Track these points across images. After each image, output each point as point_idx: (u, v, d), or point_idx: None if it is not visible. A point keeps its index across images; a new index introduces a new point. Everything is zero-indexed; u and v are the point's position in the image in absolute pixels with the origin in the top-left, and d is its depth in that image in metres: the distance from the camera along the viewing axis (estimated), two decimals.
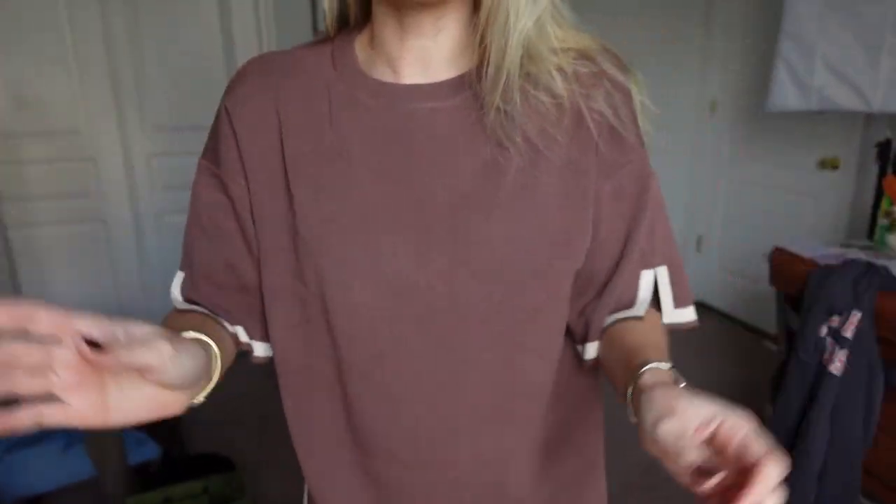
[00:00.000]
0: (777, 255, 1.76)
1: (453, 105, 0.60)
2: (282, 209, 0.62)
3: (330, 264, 0.60)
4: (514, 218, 0.59)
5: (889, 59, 2.04)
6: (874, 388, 1.50)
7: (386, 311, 0.60)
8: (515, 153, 0.58)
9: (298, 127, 0.61)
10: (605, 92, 0.62)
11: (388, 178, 0.60)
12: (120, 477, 1.80)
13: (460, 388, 0.61)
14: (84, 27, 2.53)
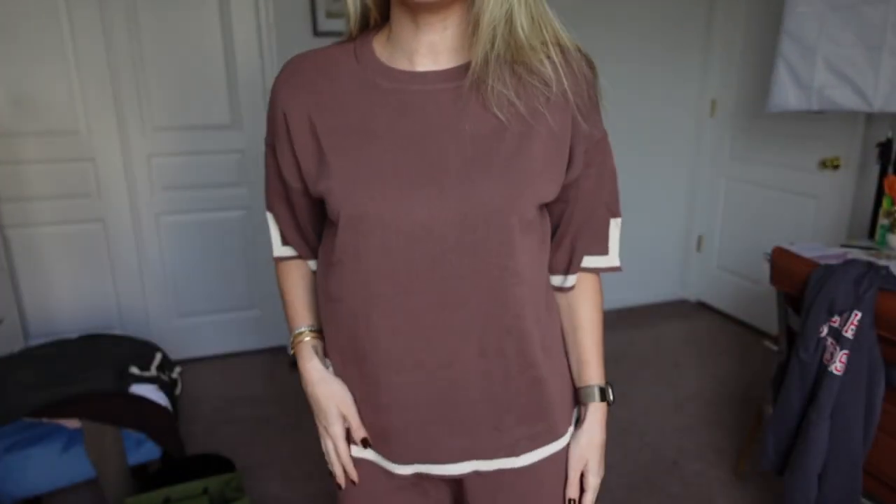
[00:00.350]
0: (777, 255, 1.76)
1: (458, 86, 0.76)
2: (317, 171, 0.79)
3: (358, 219, 0.75)
4: (509, 178, 0.75)
5: (890, 59, 2.04)
6: (875, 388, 1.49)
7: (406, 252, 0.75)
8: (510, 125, 0.75)
9: (329, 108, 0.79)
10: (579, 80, 0.78)
11: (405, 146, 0.75)
12: (119, 478, 1.80)
13: (462, 304, 0.77)
14: (83, 27, 2.53)
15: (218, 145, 2.82)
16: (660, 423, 2.46)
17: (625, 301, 3.66)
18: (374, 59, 0.79)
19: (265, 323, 3.10)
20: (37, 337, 2.77)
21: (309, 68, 0.82)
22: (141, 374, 1.95)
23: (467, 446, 0.82)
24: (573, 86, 0.77)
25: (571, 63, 0.78)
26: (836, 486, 1.55)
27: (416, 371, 0.79)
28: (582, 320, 0.91)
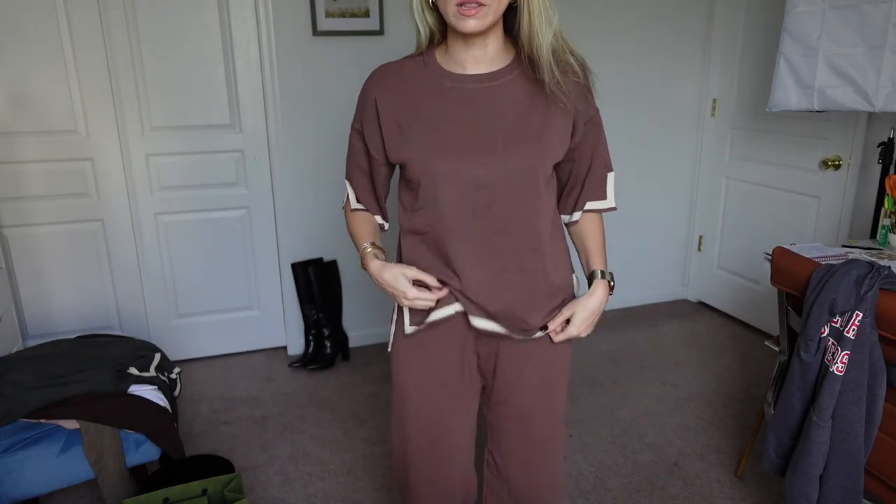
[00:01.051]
0: (778, 256, 1.75)
1: (499, 84, 1.14)
2: (400, 147, 1.16)
3: (434, 177, 1.13)
4: (537, 144, 1.12)
5: (892, 59, 2.03)
6: (876, 389, 1.49)
7: (469, 198, 1.13)
8: (535, 110, 1.13)
9: (407, 100, 1.15)
10: (573, 72, 1.13)
11: (463, 125, 1.12)
12: (118, 479, 1.79)
13: (506, 231, 1.15)
14: (82, 26, 2.53)
15: (217, 145, 2.82)
16: (660, 424, 2.45)
17: (625, 301, 3.66)
18: (437, 66, 1.16)
19: (265, 323, 3.10)
20: (35, 337, 2.77)
21: (392, 73, 1.18)
22: (140, 375, 1.94)
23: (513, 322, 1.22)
24: (573, 86, 1.13)
25: (571, 65, 1.13)
26: (838, 486, 1.54)
27: (481, 270, 1.17)
28: (587, 239, 1.28)
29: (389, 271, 1.17)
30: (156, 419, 1.84)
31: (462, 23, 1.05)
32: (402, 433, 1.33)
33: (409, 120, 1.14)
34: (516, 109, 1.12)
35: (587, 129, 1.18)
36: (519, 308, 1.20)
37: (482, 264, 1.16)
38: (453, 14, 1.05)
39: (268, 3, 2.67)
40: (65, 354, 1.95)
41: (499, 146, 1.11)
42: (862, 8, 2.09)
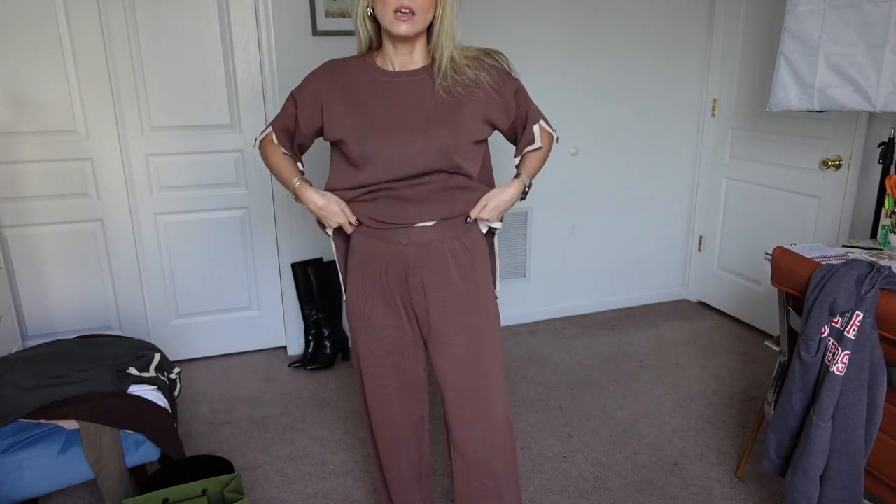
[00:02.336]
0: (779, 256, 1.75)
1: (420, 79, 1.41)
2: (338, 126, 1.41)
3: (366, 153, 1.38)
4: (449, 128, 1.38)
5: (892, 58, 2.03)
6: (877, 389, 1.49)
7: (393, 170, 1.38)
8: (449, 101, 1.38)
9: (347, 90, 1.42)
10: (489, 69, 1.42)
11: (390, 111, 1.38)
12: (118, 479, 1.79)
13: (432, 201, 1.42)
14: (81, 26, 2.52)
15: (217, 145, 2.81)
16: (660, 424, 2.45)
17: (625, 301, 3.65)
18: (374, 66, 1.43)
19: (265, 323, 3.10)
20: (34, 337, 2.77)
21: (338, 66, 1.46)
22: (139, 375, 1.94)
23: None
24: (486, 75, 1.40)
25: (483, 62, 1.42)
26: (838, 487, 1.54)
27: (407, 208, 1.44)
28: (522, 163, 1.56)
29: (329, 199, 1.45)
30: (155, 419, 1.84)
31: (396, 26, 1.31)
32: (358, 368, 1.61)
33: (348, 105, 1.40)
34: (434, 99, 1.38)
35: (517, 99, 1.47)
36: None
37: (407, 210, 1.43)
38: (389, 20, 1.31)
39: (268, 3, 2.67)
40: (64, 355, 1.95)
41: (418, 128, 1.36)
42: (862, 7, 2.09)
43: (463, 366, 1.50)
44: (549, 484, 2.10)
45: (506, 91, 1.44)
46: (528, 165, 1.55)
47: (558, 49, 3.12)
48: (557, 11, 3.07)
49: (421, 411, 1.66)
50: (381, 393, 1.60)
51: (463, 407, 1.52)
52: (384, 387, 1.59)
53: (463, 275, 1.48)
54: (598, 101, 3.27)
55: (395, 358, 1.56)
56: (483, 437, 1.54)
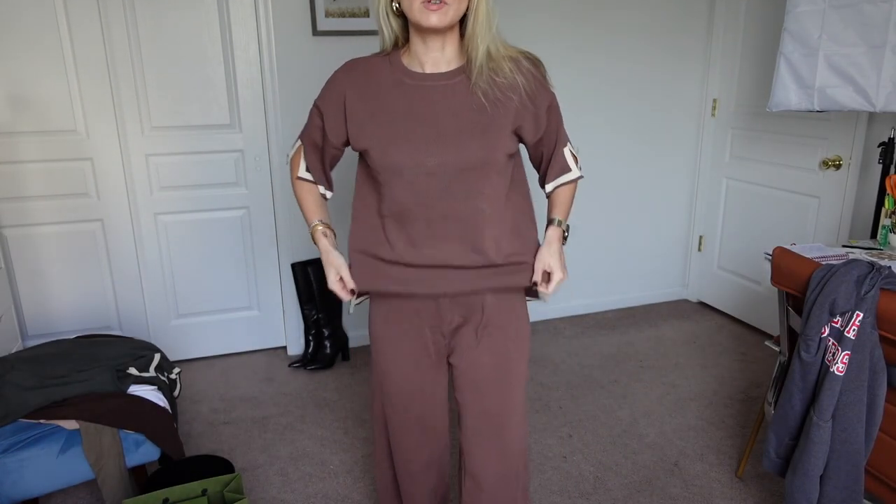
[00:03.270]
0: (779, 256, 1.75)
1: (453, 83, 1.26)
2: (361, 135, 1.29)
3: (392, 166, 1.26)
4: (485, 138, 1.25)
5: (892, 58, 2.03)
6: (877, 389, 1.49)
7: (422, 186, 1.26)
8: (486, 106, 1.24)
9: (372, 94, 1.28)
10: (526, 75, 1.27)
11: (420, 120, 1.25)
12: (118, 479, 1.79)
13: (456, 218, 1.29)
14: (81, 26, 2.52)
15: (217, 145, 2.81)
16: (660, 424, 2.45)
17: (625, 301, 3.65)
18: (400, 66, 1.28)
19: (265, 323, 3.10)
20: (34, 337, 2.77)
21: (361, 67, 1.31)
22: (139, 375, 1.94)
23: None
24: (523, 79, 1.26)
25: (521, 64, 1.27)
26: (838, 486, 1.54)
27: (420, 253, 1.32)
28: (556, 201, 1.44)
29: (329, 258, 1.38)
30: (155, 419, 1.84)
31: (425, 17, 1.17)
32: (380, 399, 1.52)
33: (372, 111, 1.27)
34: (469, 105, 1.24)
35: (549, 114, 1.32)
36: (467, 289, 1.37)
37: (419, 252, 1.32)
38: (418, 10, 1.17)
39: (268, 3, 2.67)
40: (64, 354, 1.95)
41: (448, 139, 1.23)
42: (862, 7, 2.09)
43: (486, 386, 1.40)
44: (549, 484, 2.10)
45: (540, 102, 1.29)
46: (563, 204, 1.42)
47: (558, 49, 3.12)
48: (557, 11, 3.07)
49: (443, 446, 1.58)
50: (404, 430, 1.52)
51: (480, 429, 1.43)
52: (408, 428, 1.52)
53: (497, 296, 1.39)
54: (598, 102, 3.27)
55: (418, 410, 1.49)
56: (497, 461, 1.44)
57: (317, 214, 1.42)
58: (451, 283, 1.34)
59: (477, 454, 1.44)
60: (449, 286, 1.34)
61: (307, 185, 1.43)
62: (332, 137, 1.33)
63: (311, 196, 1.43)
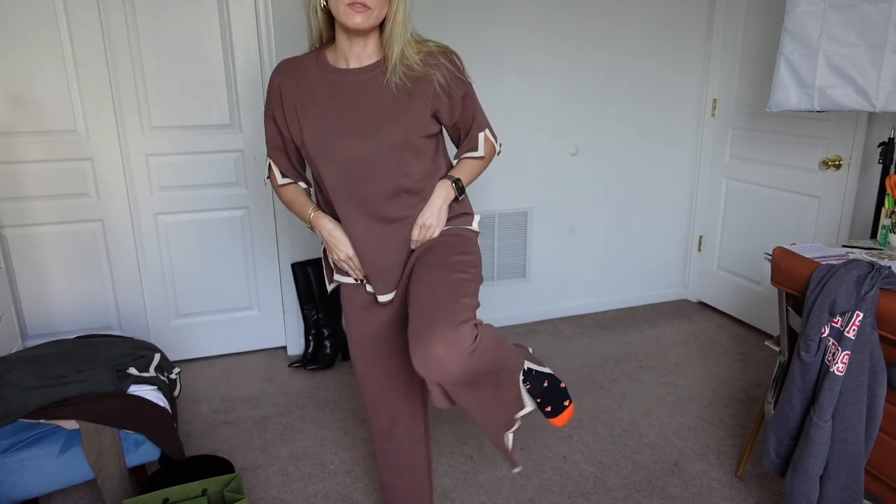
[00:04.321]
0: (779, 256, 1.75)
1: (372, 75, 1.40)
2: (298, 128, 1.43)
3: (321, 154, 1.40)
4: (401, 124, 1.39)
5: (892, 58, 2.03)
6: (877, 389, 1.49)
7: (351, 169, 1.40)
8: (400, 96, 1.38)
9: (301, 90, 1.42)
10: (441, 67, 1.40)
11: (343, 110, 1.39)
12: (118, 479, 1.79)
13: (379, 196, 1.43)
14: (81, 26, 2.52)
15: (217, 145, 2.81)
16: (660, 424, 2.45)
17: (625, 301, 3.65)
18: (326, 62, 1.43)
19: (265, 323, 3.09)
20: (34, 337, 2.77)
21: (292, 66, 1.45)
22: (139, 375, 1.94)
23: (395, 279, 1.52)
24: (437, 72, 1.39)
25: (437, 59, 1.40)
26: (838, 486, 1.54)
27: (364, 233, 1.46)
28: (457, 167, 1.56)
29: (337, 234, 1.48)
30: (155, 419, 1.84)
31: (350, 18, 1.30)
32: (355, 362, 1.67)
33: (302, 106, 1.41)
34: (385, 96, 1.38)
35: (464, 102, 1.47)
36: (390, 272, 1.50)
37: (366, 227, 1.44)
38: (343, 11, 1.30)
39: (268, 3, 2.67)
40: (64, 355, 1.95)
41: (369, 127, 1.37)
42: (862, 7, 2.09)
43: (437, 284, 1.37)
44: (549, 484, 2.11)
45: (454, 93, 1.43)
46: (464, 170, 1.55)
47: (558, 49, 3.12)
48: (557, 11, 3.07)
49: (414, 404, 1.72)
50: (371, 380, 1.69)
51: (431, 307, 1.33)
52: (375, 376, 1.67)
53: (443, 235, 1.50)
54: (598, 101, 3.27)
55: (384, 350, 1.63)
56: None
57: (309, 204, 1.53)
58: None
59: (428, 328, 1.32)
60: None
61: (289, 187, 1.56)
62: (286, 133, 1.47)
63: (297, 193, 1.56)
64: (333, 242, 1.48)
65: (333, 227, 1.48)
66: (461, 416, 2.51)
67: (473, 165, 1.57)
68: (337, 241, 1.47)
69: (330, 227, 1.48)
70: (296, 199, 1.54)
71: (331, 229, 1.48)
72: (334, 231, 1.48)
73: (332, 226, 1.48)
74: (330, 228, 1.48)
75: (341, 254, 1.48)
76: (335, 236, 1.47)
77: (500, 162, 3.17)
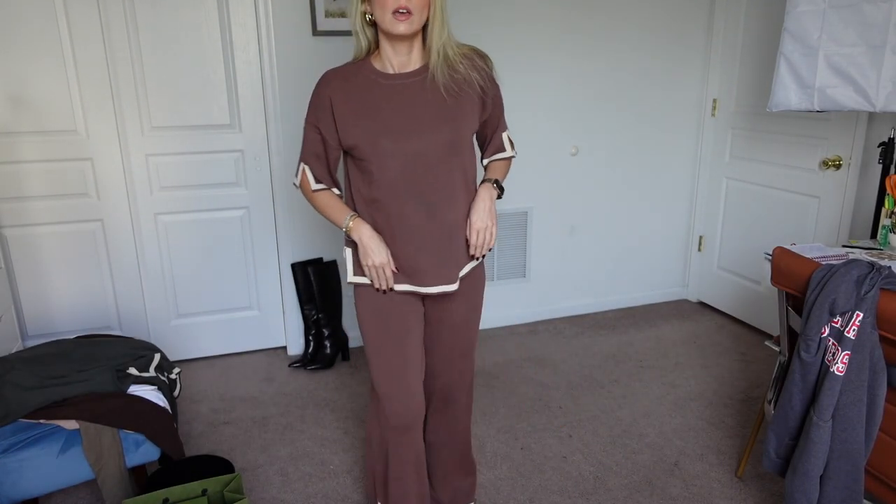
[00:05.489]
0: (779, 256, 1.75)
1: (420, 79, 1.49)
2: (358, 132, 1.48)
3: (381, 153, 1.47)
4: (453, 123, 1.49)
5: (892, 58, 2.03)
6: (877, 389, 1.49)
7: (411, 166, 1.48)
8: (448, 96, 1.48)
9: (352, 96, 1.49)
10: (479, 69, 1.52)
11: (398, 112, 1.47)
12: (118, 479, 1.79)
13: (438, 188, 1.50)
14: (81, 26, 2.52)
15: (217, 145, 2.81)
16: (660, 424, 2.45)
17: (625, 301, 3.65)
18: (372, 69, 1.51)
19: (265, 323, 3.10)
20: (34, 337, 2.77)
21: (338, 77, 1.51)
22: (139, 375, 1.94)
23: (449, 277, 1.58)
24: (476, 73, 1.51)
25: (475, 62, 1.52)
26: (838, 487, 1.54)
27: (424, 228, 1.52)
28: (491, 168, 1.67)
29: (378, 240, 1.52)
30: (155, 419, 1.84)
31: (395, 26, 1.40)
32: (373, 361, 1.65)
33: (356, 111, 1.48)
34: (436, 97, 1.48)
35: (494, 103, 1.59)
36: (445, 272, 1.57)
37: (421, 220, 1.51)
38: (389, 21, 1.39)
39: (268, 3, 2.67)
40: (64, 355, 1.95)
41: (426, 126, 1.47)
42: (862, 7, 2.09)
43: (460, 328, 1.70)
44: (549, 484, 2.11)
45: (489, 92, 1.55)
46: (499, 171, 1.66)
47: (558, 49, 3.12)
48: (557, 11, 3.07)
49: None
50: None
51: (450, 353, 1.73)
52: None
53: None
54: (598, 101, 3.27)
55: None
56: (459, 376, 1.78)
57: (346, 209, 1.57)
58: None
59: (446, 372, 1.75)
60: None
61: (323, 193, 1.59)
62: (331, 141, 1.52)
63: (331, 198, 1.59)
64: (372, 248, 1.51)
65: (372, 234, 1.51)
66: None
67: (504, 166, 1.68)
68: (375, 248, 1.51)
69: (369, 233, 1.51)
70: (331, 203, 1.58)
71: (370, 236, 1.51)
72: (373, 238, 1.51)
73: (371, 232, 1.52)
74: (369, 235, 1.51)
75: (377, 260, 1.51)
76: (374, 243, 1.51)
77: None
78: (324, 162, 1.56)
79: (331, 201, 1.58)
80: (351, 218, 1.53)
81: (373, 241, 1.51)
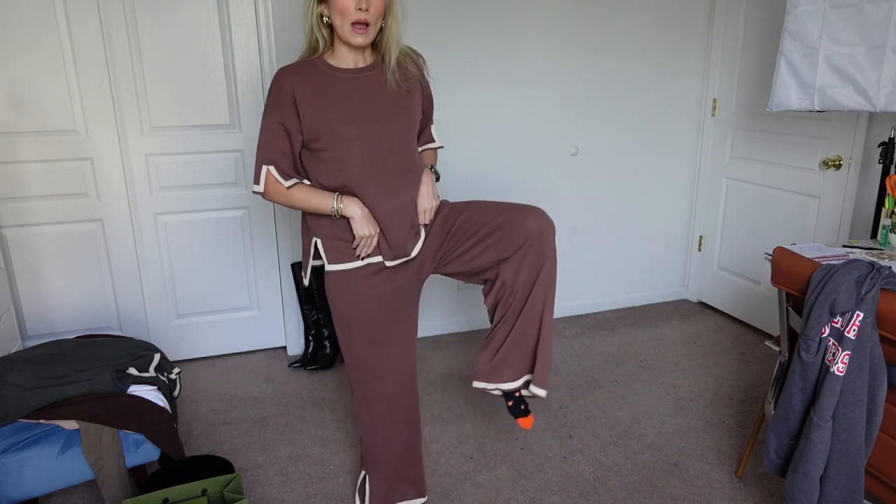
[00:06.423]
0: (779, 256, 1.75)
1: (375, 73, 1.63)
2: (324, 121, 1.57)
3: (343, 140, 1.58)
4: (406, 111, 1.66)
5: (893, 58, 2.03)
6: (877, 389, 1.49)
7: (371, 151, 1.60)
8: (400, 91, 1.65)
9: (311, 90, 1.58)
10: (418, 66, 1.72)
11: (363, 101, 1.60)
12: (118, 479, 1.79)
13: (401, 170, 1.65)
14: (81, 26, 2.52)
15: (217, 145, 2.81)
16: (660, 424, 2.45)
17: (625, 301, 3.65)
18: (328, 65, 1.62)
19: (264, 323, 3.09)
20: (34, 337, 2.77)
21: (294, 72, 1.59)
22: (139, 375, 1.94)
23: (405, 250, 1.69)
24: (416, 72, 1.69)
25: (416, 60, 1.70)
26: (838, 487, 1.54)
27: (387, 207, 1.63)
28: (425, 157, 1.84)
29: (369, 213, 1.62)
30: (155, 419, 1.84)
31: (354, 38, 1.54)
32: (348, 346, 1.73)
33: (318, 103, 1.57)
34: (390, 90, 1.63)
35: (429, 98, 1.77)
36: (403, 239, 1.68)
37: (388, 202, 1.63)
38: (348, 31, 1.53)
39: (268, 3, 2.67)
40: (64, 355, 1.95)
41: (384, 113, 1.61)
42: (863, 7, 2.09)
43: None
44: (549, 484, 2.10)
45: (426, 90, 1.75)
46: (432, 159, 1.85)
47: (558, 49, 3.12)
48: (557, 11, 3.07)
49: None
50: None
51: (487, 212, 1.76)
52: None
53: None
54: (598, 101, 3.27)
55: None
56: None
57: (329, 193, 1.63)
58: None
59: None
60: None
61: (299, 187, 1.65)
62: (296, 134, 1.60)
63: (309, 189, 1.65)
64: (365, 220, 1.61)
65: (363, 206, 1.61)
66: (461, 417, 2.51)
67: (434, 155, 1.87)
68: (368, 219, 1.61)
69: (360, 205, 1.61)
70: (310, 192, 1.63)
71: (362, 207, 1.61)
72: (364, 210, 1.61)
73: (361, 204, 1.61)
74: (361, 206, 1.61)
75: (372, 230, 1.61)
76: (366, 214, 1.61)
77: (500, 162, 3.17)
78: (290, 157, 1.63)
79: (309, 191, 1.64)
80: (338, 198, 1.60)
81: (365, 211, 1.61)
